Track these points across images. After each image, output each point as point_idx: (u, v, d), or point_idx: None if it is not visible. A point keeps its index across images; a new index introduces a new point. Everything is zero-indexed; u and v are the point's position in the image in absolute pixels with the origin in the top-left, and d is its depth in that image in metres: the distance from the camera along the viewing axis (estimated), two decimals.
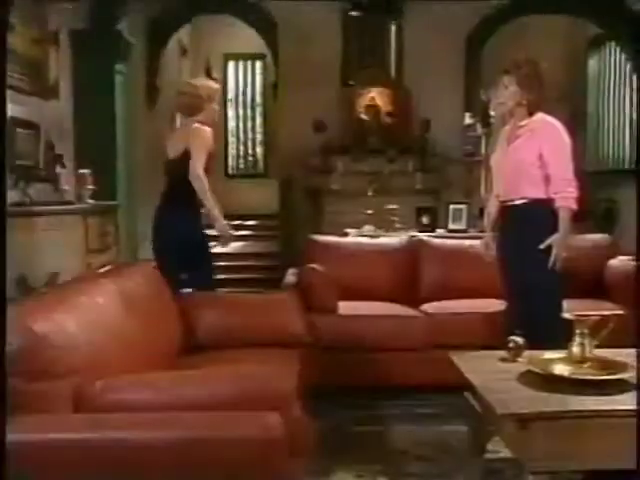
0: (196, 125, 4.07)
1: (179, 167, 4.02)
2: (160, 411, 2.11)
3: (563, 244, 3.39)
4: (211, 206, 4.06)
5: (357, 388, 3.93)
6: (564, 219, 3.39)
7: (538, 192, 3.42)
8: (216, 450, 1.99)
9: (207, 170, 4.05)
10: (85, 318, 2.38)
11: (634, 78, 8.19)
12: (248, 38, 9.50)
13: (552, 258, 3.37)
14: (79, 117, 5.95)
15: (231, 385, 2.22)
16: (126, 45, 6.62)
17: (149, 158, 7.92)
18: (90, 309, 2.47)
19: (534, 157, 3.41)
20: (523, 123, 3.49)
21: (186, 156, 4.00)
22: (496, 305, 3.82)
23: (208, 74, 10.97)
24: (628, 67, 8.38)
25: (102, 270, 4.24)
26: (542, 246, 3.37)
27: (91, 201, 5.25)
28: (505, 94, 3.48)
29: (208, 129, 4.08)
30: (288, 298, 3.60)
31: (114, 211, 5.72)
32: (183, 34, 9.72)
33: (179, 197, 4.10)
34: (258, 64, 11.33)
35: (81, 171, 5.36)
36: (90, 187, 5.27)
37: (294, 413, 2.18)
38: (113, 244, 5.50)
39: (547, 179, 3.42)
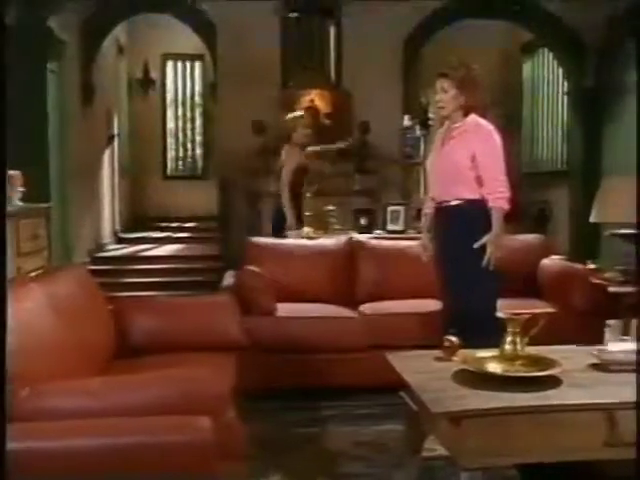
0: (286, 147, 5.48)
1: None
2: (91, 417, 2.06)
3: (496, 243, 3.45)
4: (287, 209, 5.38)
5: (296, 390, 3.91)
6: (496, 219, 3.45)
7: (471, 193, 3.48)
8: (147, 455, 1.97)
9: (296, 181, 5.42)
10: (13, 323, 2.30)
11: (566, 83, 8.45)
12: (187, 38, 9.40)
13: (486, 257, 3.43)
14: (9, 116, 5.76)
15: (163, 390, 2.19)
16: (58, 43, 6.45)
17: (84, 159, 7.76)
18: (19, 314, 2.39)
19: (467, 158, 3.46)
20: (457, 125, 3.55)
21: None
22: (433, 305, 3.86)
23: (146, 73, 10.83)
24: (560, 72, 8.62)
25: (33, 274, 4.12)
26: (476, 245, 3.43)
27: (20, 203, 5.08)
28: (445, 98, 3.52)
29: (294, 148, 5.42)
30: (225, 301, 3.56)
31: (46, 213, 5.55)
32: (120, 33, 9.55)
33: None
34: (197, 64, 11.23)
35: (11, 172, 5.19)
36: (20, 189, 5.10)
37: (227, 416, 2.16)
38: (45, 247, 5.34)
39: (480, 180, 3.48)
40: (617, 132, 7.77)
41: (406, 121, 8.04)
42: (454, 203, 3.51)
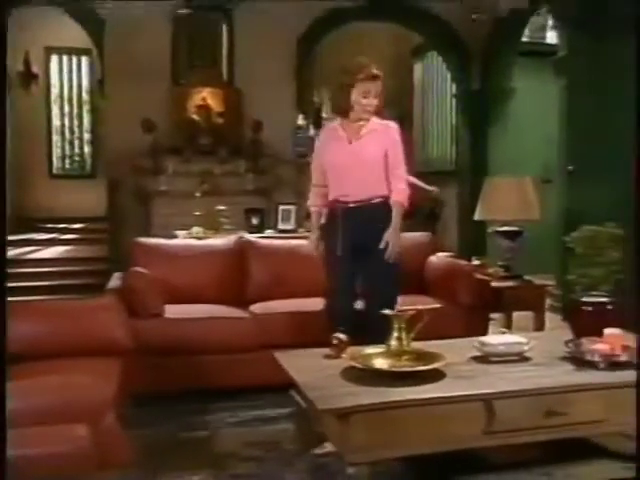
0: None
1: None
2: None
3: (397, 239, 3.55)
4: None
5: (186, 392, 3.84)
6: (397, 214, 3.55)
7: (384, 189, 3.57)
8: (21, 468, 1.86)
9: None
10: None
11: (454, 85, 8.72)
12: (72, 31, 9.02)
13: (388, 251, 3.52)
14: None
15: (38, 399, 2.08)
16: None
17: None
18: None
19: (381, 156, 3.55)
20: (361, 123, 3.58)
21: None
22: (323, 304, 3.87)
23: (27, 67, 10.34)
24: (448, 75, 8.89)
25: None
26: (382, 245, 3.52)
27: None
28: (376, 101, 3.55)
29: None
30: (110, 303, 3.44)
31: None
32: None
33: None
34: (84, 59, 10.83)
35: None
36: None
37: (107, 423, 2.08)
38: None
39: (387, 177, 3.55)
40: (501, 134, 8.11)
41: (300, 120, 8.09)
42: (375, 201, 3.56)
